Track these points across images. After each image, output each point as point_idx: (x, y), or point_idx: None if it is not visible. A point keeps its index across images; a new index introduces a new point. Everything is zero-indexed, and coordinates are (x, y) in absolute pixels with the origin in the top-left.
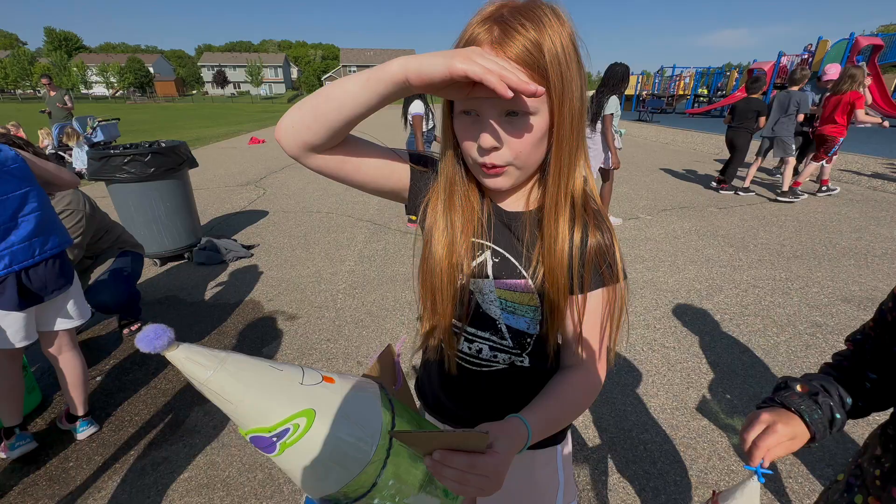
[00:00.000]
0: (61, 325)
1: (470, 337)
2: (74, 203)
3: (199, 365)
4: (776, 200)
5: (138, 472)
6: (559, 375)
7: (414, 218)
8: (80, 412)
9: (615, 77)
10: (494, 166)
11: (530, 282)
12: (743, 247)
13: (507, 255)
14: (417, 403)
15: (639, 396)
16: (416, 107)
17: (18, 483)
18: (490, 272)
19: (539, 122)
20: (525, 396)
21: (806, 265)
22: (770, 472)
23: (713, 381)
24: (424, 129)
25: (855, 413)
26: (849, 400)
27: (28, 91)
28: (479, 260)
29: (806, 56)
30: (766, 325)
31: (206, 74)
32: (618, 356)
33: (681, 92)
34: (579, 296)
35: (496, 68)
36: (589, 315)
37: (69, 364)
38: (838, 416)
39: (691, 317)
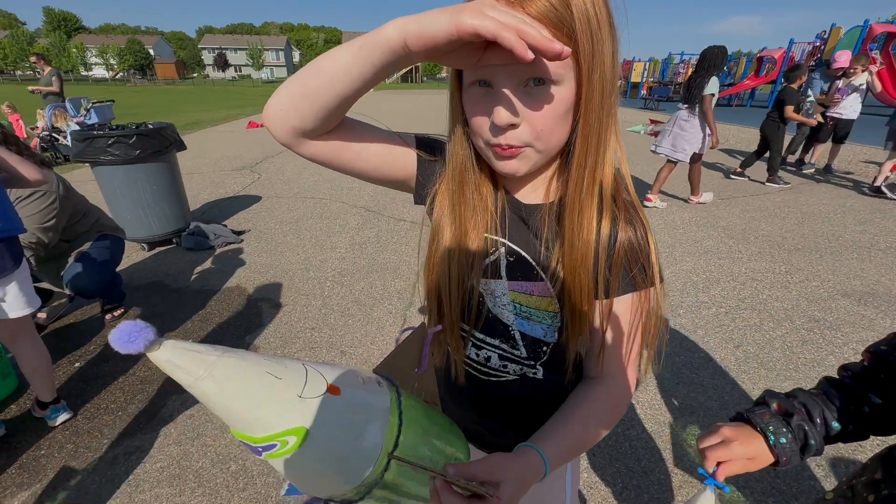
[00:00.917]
0: (7, 312)
1: (478, 343)
2: (47, 185)
3: (181, 370)
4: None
5: (110, 461)
6: (581, 389)
7: None
8: (47, 398)
9: (713, 58)
10: (510, 147)
11: (549, 285)
12: (743, 238)
13: (524, 253)
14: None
15: None
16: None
17: None
18: (503, 272)
19: (564, 93)
20: (536, 411)
21: (807, 258)
22: (723, 486)
23: (704, 376)
24: None
25: (844, 438)
26: (835, 424)
27: (28, 72)
28: (491, 258)
29: (818, 43)
30: (762, 319)
31: (207, 57)
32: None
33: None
34: (605, 300)
35: (514, 22)
36: (616, 323)
37: (23, 352)
38: (813, 441)
39: (686, 310)
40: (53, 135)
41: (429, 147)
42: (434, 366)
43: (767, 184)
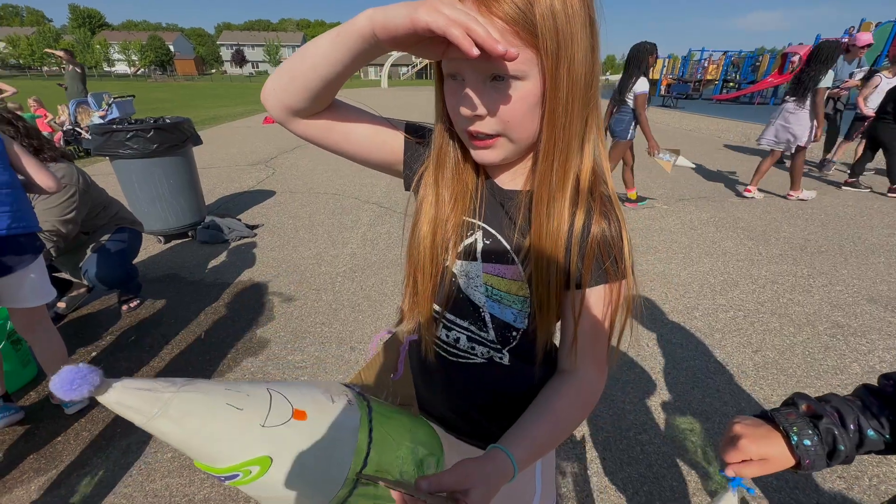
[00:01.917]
0: (23, 302)
1: (448, 324)
2: (67, 178)
3: (132, 411)
4: None
5: (123, 449)
6: (552, 385)
7: None
8: None
9: (829, 52)
10: (482, 136)
11: (520, 269)
12: (764, 240)
13: (499, 236)
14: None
15: (639, 395)
16: (642, 85)
17: (6, 456)
18: (479, 255)
19: (529, 87)
20: (502, 397)
21: (831, 261)
22: (749, 489)
23: (721, 381)
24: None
25: (881, 449)
26: (871, 434)
27: (54, 68)
28: (468, 240)
29: (847, 39)
30: (782, 323)
31: (225, 53)
32: (620, 352)
33: (709, 77)
34: (577, 291)
35: (463, 20)
36: (587, 314)
37: (38, 341)
38: (842, 447)
39: (702, 312)
40: (77, 129)
41: (417, 132)
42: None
43: (845, 187)
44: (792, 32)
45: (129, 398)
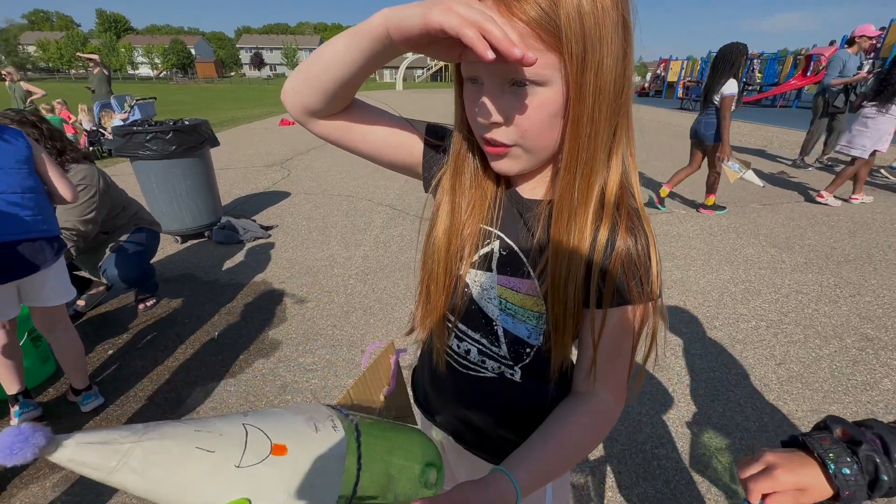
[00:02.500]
0: (40, 302)
1: (460, 335)
2: (88, 179)
3: (88, 468)
4: None
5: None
6: (565, 407)
7: None
8: (79, 386)
9: None
10: (497, 144)
11: (536, 284)
12: (787, 248)
13: (516, 248)
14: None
15: (656, 407)
16: (730, 86)
17: None
18: (494, 265)
19: (550, 94)
20: (512, 413)
21: (859, 271)
22: None
23: (742, 395)
24: None
25: None
26: None
27: (81, 71)
28: (485, 250)
29: (874, 41)
30: (807, 335)
31: (244, 56)
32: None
33: None
34: (597, 311)
35: (479, 20)
36: (607, 335)
37: (57, 340)
38: (886, 477)
39: (722, 322)
40: (100, 130)
41: (438, 134)
42: (422, 350)
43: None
44: (817, 33)
45: (83, 455)
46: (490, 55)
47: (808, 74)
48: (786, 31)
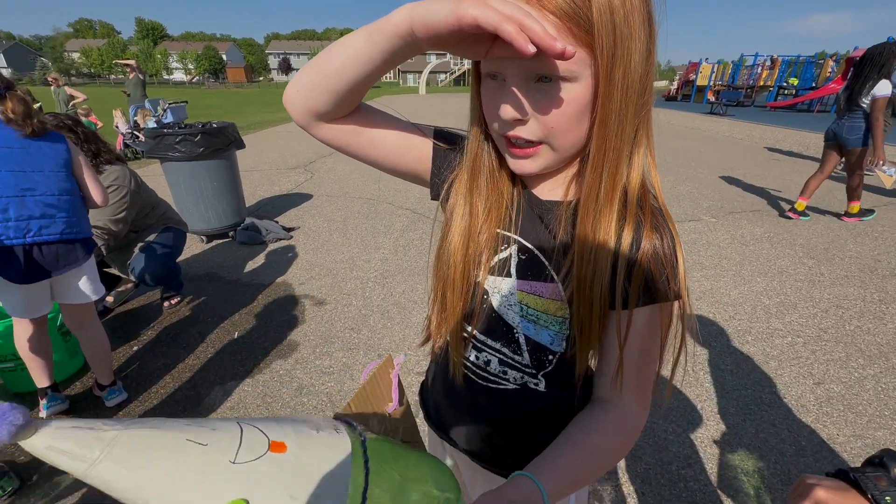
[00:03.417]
0: (72, 299)
1: (479, 345)
2: (120, 179)
3: (68, 456)
4: None
5: None
6: (588, 413)
7: None
8: (105, 381)
9: None
10: (523, 143)
11: (560, 287)
12: (826, 259)
13: (536, 251)
14: (420, 417)
15: (684, 424)
16: (883, 87)
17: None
18: (513, 270)
19: (579, 90)
20: (535, 428)
21: None
22: None
23: (777, 415)
24: None
25: None
26: None
27: (119, 76)
28: (502, 255)
29: None
30: (849, 353)
31: (273, 62)
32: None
33: (762, 83)
34: (623, 312)
35: (517, 14)
36: (633, 338)
37: (87, 337)
38: None
39: (755, 336)
40: (135, 132)
41: (447, 139)
42: (433, 362)
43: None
44: (860, 35)
45: (62, 441)
46: (531, 50)
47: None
48: (824, 34)
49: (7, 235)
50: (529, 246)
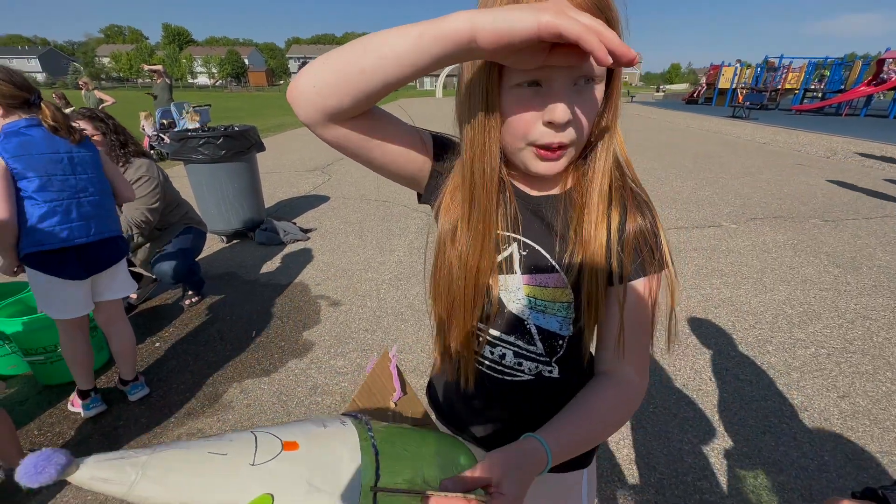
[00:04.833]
0: (110, 295)
1: (493, 341)
2: (151, 171)
3: (110, 483)
4: None
5: (174, 438)
6: (591, 384)
7: None
8: (128, 377)
9: None
10: (561, 146)
11: (563, 275)
12: (853, 268)
13: (537, 246)
14: (431, 413)
15: (700, 435)
16: None
17: (77, 434)
18: (517, 267)
19: (600, 90)
20: (551, 415)
21: None
22: None
23: (799, 428)
24: None
25: None
26: None
27: (147, 80)
28: (505, 254)
29: None
30: (877, 366)
31: (293, 66)
32: (677, 387)
33: (788, 85)
34: (619, 286)
35: (597, 27)
36: (629, 309)
37: (116, 333)
38: None
39: (776, 346)
40: (160, 135)
41: (444, 144)
42: (442, 365)
43: None
44: (890, 37)
45: (102, 471)
46: (610, 60)
47: (882, 81)
48: (853, 35)
49: (74, 235)
50: (529, 242)
